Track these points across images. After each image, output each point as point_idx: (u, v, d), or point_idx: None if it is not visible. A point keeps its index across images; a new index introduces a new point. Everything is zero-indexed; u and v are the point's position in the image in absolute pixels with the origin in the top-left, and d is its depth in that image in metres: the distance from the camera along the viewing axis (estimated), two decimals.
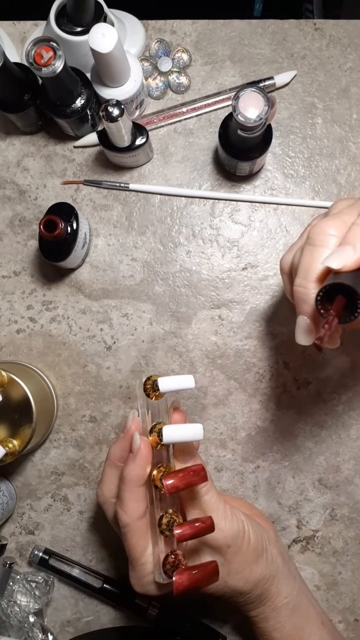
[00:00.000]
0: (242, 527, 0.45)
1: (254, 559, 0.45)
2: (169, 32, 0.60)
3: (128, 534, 0.43)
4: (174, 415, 0.45)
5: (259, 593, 0.46)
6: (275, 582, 0.47)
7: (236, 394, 0.58)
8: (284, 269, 0.43)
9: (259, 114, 0.47)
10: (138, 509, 0.43)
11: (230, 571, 0.44)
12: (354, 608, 0.58)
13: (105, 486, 0.46)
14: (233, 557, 0.44)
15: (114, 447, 0.46)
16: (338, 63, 0.59)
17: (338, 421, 0.58)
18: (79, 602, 0.59)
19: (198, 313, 0.59)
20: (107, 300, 0.59)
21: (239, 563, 0.44)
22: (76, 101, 0.54)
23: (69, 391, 0.59)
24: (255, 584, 0.45)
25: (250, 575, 0.45)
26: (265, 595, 0.47)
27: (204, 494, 0.44)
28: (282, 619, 0.47)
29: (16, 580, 0.56)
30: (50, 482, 0.59)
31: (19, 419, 0.51)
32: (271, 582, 0.47)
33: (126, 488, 0.43)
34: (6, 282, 0.60)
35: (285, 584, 0.48)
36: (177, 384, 0.43)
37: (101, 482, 0.47)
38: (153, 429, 0.44)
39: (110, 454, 0.46)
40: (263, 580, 0.46)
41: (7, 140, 0.60)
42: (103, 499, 0.47)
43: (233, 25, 0.60)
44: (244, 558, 0.45)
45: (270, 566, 0.47)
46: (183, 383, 0.43)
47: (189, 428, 0.42)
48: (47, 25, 0.54)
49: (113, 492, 0.46)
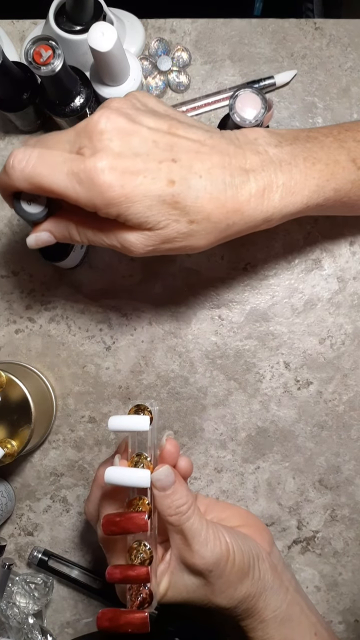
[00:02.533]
0: (226, 550, 0.44)
1: (238, 578, 0.45)
2: (168, 31, 0.60)
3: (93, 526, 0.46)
4: (167, 446, 0.44)
5: (244, 608, 0.46)
6: (262, 597, 0.46)
7: (236, 394, 0.58)
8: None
9: (255, 115, 0.47)
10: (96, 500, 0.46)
11: (213, 591, 0.44)
12: (354, 609, 0.58)
13: (92, 504, 0.47)
14: (216, 580, 0.44)
15: (102, 468, 0.46)
16: (338, 62, 0.59)
17: (339, 422, 0.58)
18: (79, 603, 0.59)
19: (198, 313, 0.59)
20: (106, 300, 0.59)
21: (222, 584, 0.44)
22: (75, 100, 0.54)
23: (68, 392, 0.59)
24: (240, 601, 0.45)
25: (235, 594, 0.45)
26: (252, 610, 0.46)
27: (185, 521, 0.43)
28: (271, 630, 0.47)
29: (15, 582, 0.56)
30: (50, 483, 0.59)
31: (17, 419, 0.51)
32: (257, 598, 0.46)
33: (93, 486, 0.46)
34: (5, 282, 0.59)
35: (274, 598, 0.47)
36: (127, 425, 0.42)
37: (88, 500, 0.48)
38: (133, 458, 0.44)
39: (98, 474, 0.47)
40: (249, 598, 0.45)
41: (5, 139, 0.60)
42: (90, 516, 0.48)
43: (233, 24, 0.60)
44: (228, 579, 0.44)
45: (257, 584, 0.46)
46: (134, 424, 0.42)
47: (132, 473, 0.41)
48: (46, 24, 0.53)
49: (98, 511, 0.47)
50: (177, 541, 0.44)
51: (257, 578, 0.46)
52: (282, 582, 0.48)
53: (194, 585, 0.44)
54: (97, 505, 0.46)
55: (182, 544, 0.43)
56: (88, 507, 0.47)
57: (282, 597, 0.48)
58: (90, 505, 0.47)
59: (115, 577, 0.41)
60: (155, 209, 0.40)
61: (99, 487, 0.46)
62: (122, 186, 0.39)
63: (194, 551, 0.43)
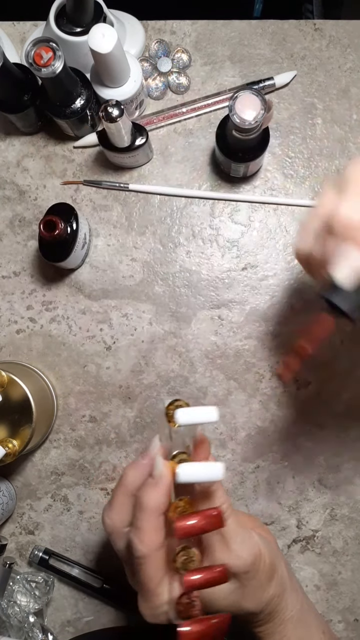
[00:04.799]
0: (259, 551, 0.43)
1: (267, 579, 0.44)
2: (168, 32, 0.60)
3: (144, 565, 0.39)
4: (198, 449, 0.42)
5: (269, 611, 0.45)
6: (284, 597, 0.46)
7: (236, 394, 0.58)
8: (302, 260, 0.40)
9: (255, 116, 0.48)
10: (157, 539, 0.39)
11: (244, 594, 0.43)
12: (353, 608, 0.58)
13: (117, 515, 0.42)
14: (249, 582, 0.42)
15: (131, 472, 0.42)
16: (338, 63, 0.59)
17: (338, 421, 0.58)
18: (79, 602, 0.59)
19: (198, 313, 0.59)
20: (106, 301, 0.59)
21: (253, 586, 0.43)
22: (76, 101, 0.54)
23: (69, 391, 0.59)
24: (267, 603, 0.44)
25: (263, 596, 0.44)
26: (275, 612, 0.45)
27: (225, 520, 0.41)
28: (288, 632, 0.46)
29: (16, 581, 0.56)
30: (50, 482, 0.59)
31: (18, 419, 0.51)
32: (280, 598, 0.45)
33: (145, 517, 0.39)
34: (6, 283, 0.60)
35: (292, 598, 0.47)
36: (197, 418, 0.39)
37: (110, 508, 0.42)
38: (173, 458, 0.41)
39: (125, 479, 0.42)
40: (274, 599, 0.45)
41: (6, 140, 0.60)
42: (113, 528, 0.42)
43: (233, 25, 0.60)
44: (259, 581, 0.43)
45: (280, 583, 0.45)
46: (204, 416, 0.39)
47: (207, 467, 0.39)
48: (47, 26, 0.54)
49: (126, 521, 0.41)
50: (215, 543, 0.42)
51: (280, 577, 0.46)
52: (293, 582, 0.48)
53: (227, 592, 0.42)
54: (126, 515, 0.41)
55: (220, 544, 0.42)
56: (112, 517, 0.42)
57: (296, 596, 0.47)
58: (116, 515, 0.42)
59: (197, 582, 0.38)
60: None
61: (127, 495, 0.41)
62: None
63: (231, 551, 0.41)
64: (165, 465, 0.40)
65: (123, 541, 0.42)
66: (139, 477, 0.41)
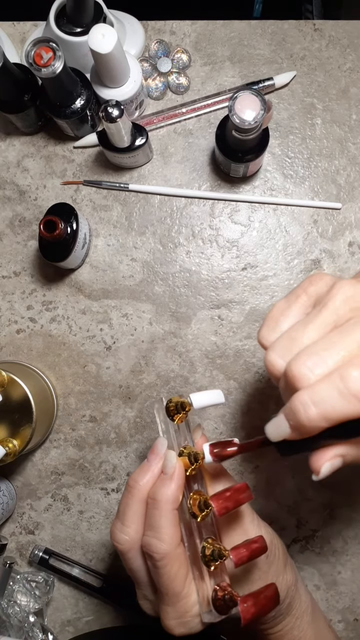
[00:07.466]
0: (272, 534, 0.43)
1: (284, 564, 0.44)
2: (168, 32, 0.60)
3: (167, 565, 0.37)
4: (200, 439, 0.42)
5: (288, 602, 0.44)
6: (298, 586, 0.45)
7: (236, 394, 0.59)
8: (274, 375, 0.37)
9: (254, 117, 0.48)
10: (176, 535, 0.37)
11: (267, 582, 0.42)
12: (353, 607, 0.58)
13: (131, 524, 0.38)
14: (269, 568, 0.42)
15: (139, 477, 0.39)
16: (337, 64, 0.59)
17: None
18: (79, 601, 0.59)
19: (198, 313, 0.59)
20: (107, 301, 0.59)
21: (274, 572, 0.42)
22: (76, 102, 0.54)
23: (69, 391, 0.59)
24: (286, 591, 0.44)
25: (283, 582, 0.43)
26: (292, 603, 0.45)
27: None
28: (305, 626, 0.45)
29: (16, 580, 0.56)
30: (50, 482, 0.59)
31: (19, 419, 0.51)
32: (296, 586, 0.45)
33: (163, 513, 0.37)
34: (6, 283, 0.60)
35: (302, 588, 0.47)
36: (209, 400, 0.40)
37: (123, 520, 0.39)
38: (182, 452, 0.40)
39: (134, 485, 0.39)
40: (292, 587, 0.44)
41: (7, 140, 0.61)
42: (129, 545, 0.39)
43: (232, 25, 0.60)
44: (277, 567, 0.43)
45: (293, 571, 0.45)
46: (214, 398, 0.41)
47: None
48: (47, 26, 0.54)
49: (142, 531, 0.38)
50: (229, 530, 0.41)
51: (291, 564, 0.45)
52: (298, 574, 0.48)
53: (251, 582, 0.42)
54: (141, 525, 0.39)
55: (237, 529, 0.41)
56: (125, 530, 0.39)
57: (304, 587, 0.47)
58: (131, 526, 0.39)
59: (245, 555, 0.37)
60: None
61: (139, 501, 0.39)
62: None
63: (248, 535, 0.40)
64: (178, 460, 0.39)
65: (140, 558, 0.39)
66: (149, 479, 0.39)
